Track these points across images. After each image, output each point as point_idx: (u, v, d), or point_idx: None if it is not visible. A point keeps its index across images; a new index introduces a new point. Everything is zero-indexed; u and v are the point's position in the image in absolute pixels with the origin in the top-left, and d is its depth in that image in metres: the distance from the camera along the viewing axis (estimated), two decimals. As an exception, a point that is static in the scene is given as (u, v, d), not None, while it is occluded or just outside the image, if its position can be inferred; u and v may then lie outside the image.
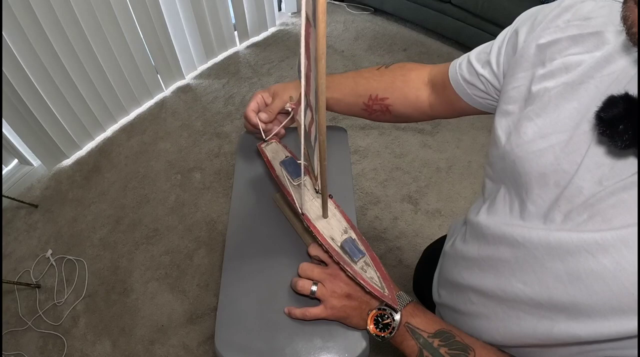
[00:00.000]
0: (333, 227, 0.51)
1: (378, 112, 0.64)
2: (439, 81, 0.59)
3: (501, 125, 0.45)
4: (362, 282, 0.46)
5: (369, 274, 0.47)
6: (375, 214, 1.60)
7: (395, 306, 0.46)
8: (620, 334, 0.33)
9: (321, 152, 0.38)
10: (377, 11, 2.54)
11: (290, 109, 0.56)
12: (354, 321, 0.49)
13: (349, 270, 0.47)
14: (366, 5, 2.53)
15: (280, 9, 2.56)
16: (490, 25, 1.96)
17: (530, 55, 0.42)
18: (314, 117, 0.38)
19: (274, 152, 0.59)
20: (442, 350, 0.45)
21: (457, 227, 0.65)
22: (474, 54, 0.52)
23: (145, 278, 1.48)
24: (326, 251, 0.50)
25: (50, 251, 1.54)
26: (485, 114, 0.56)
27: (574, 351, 0.38)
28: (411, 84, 0.62)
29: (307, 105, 0.39)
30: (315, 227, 0.50)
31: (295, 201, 0.51)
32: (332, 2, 2.63)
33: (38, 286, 1.47)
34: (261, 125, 0.60)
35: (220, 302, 0.53)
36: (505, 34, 0.48)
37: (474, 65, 0.51)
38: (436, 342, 0.45)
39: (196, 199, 1.68)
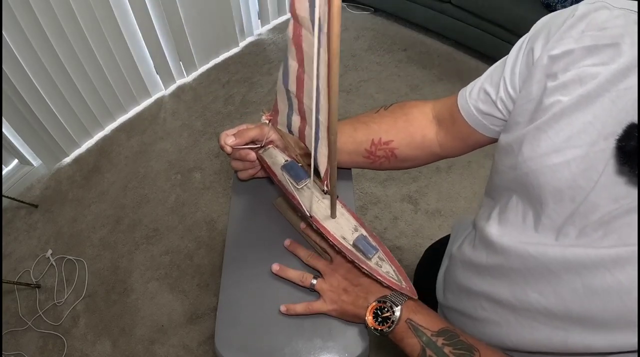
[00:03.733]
0: (343, 227, 0.51)
1: (382, 159, 0.59)
2: (446, 116, 0.55)
3: (512, 136, 0.44)
4: (379, 278, 0.46)
5: (385, 268, 0.47)
6: (375, 214, 1.60)
7: (414, 297, 0.47)
8: (634, 346, 0.34)
9: (331, 152, 0.38)
10: (377, 11, 2.54)
11: (267, 121, 0.55)
12: (350, 314, 0.50)
13: (364, 267, 0.47)
14: (366, 5, 2.53)
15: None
16: (490, 25, 1.96)
17: (542, 66, 0.41)
18: (310, 120, 0.38)
19: (273, 157, 0.58)
20: (447, 349, 0.44)
21: (462, 227, 0.64)
22: (486, 79, 0.49)
23: (145, 278, 1.48)
24: (339, 252, 0.50)
25: (50, 251, 1.54)
26: None
27: None
28: (415, 123, 0.57)
29: (299, 109, 0.39)
30: (326, 228, 0.50)
31: (302, 204, 0.51)
32: (332, 2, 2.63)
33: (38, 286, 1.47)
34: (227, 149, 0.58)
35: (220, 302, 0.53)
36: (517, 50, 0.46)
37: (488, 92, 0.48)
38: (440, 341, 0.44)
39: (196, 199, 1.68)
